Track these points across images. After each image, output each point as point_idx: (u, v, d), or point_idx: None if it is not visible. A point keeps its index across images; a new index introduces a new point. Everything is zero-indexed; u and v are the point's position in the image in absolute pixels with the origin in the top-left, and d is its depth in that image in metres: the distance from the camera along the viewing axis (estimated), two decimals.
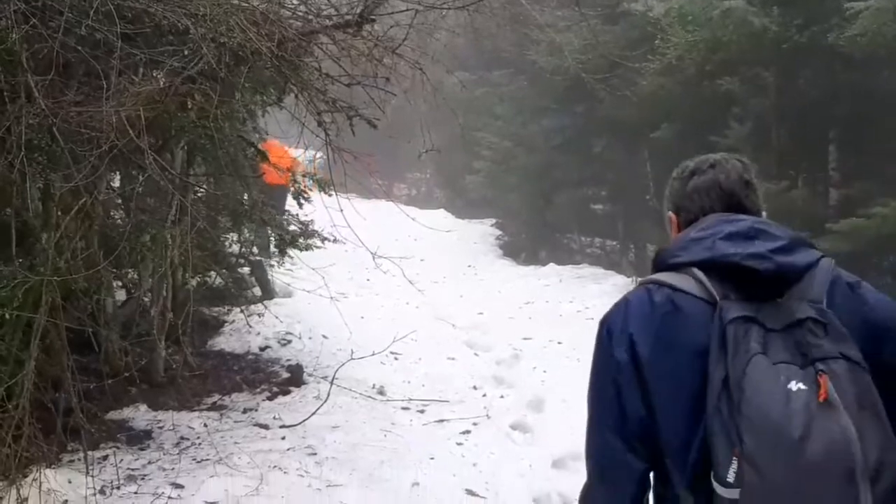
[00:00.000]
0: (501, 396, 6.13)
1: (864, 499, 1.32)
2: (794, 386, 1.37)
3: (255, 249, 7.36)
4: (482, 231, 15.14)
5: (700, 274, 1.55)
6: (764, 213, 1.72)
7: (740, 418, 1.37)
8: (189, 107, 4.63)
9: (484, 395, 6.15)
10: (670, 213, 1.81)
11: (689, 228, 1.69)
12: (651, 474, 1.59)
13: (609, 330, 1.61)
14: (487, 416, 5.65)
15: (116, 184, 5.48)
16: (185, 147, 5.37)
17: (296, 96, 5.22)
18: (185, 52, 4.05)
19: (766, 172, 8.44)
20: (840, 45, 7.47)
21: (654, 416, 1.53)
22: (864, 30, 7.09)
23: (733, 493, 1.36)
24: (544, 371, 6.75)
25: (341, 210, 4.49)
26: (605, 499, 1.62)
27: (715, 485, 1.39)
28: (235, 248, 7.49)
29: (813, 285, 1.52)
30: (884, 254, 8.64)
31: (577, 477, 1.75)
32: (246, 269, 7.99)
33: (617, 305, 1.64)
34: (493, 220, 15.48)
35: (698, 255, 1.58)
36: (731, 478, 1.36)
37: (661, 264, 1.66)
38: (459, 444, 5.20)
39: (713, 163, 1.75)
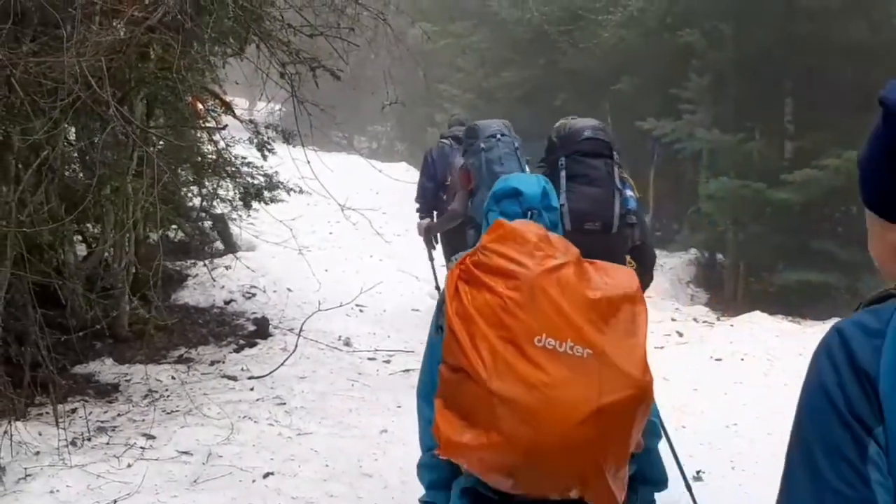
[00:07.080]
0: None
1: None
2: None
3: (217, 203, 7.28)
4: None
5: None
6: None
7: None
8: (150, 57, 4.56)
9: None
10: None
11: None
12: None
13: None
14: None
15: (72, 137, 5.38)
16: (145, 99, 5.29)
17: (257, 47, 5.15)
18: (146, 1, 3.98)
19: (723, 125, 8.57)
20: None
21: None
22: None
23: None
24: None
25: (308, 161, 4.47)
26: None
27: None
28: (196, 201, 7.41)
29: None
30: (834, 205, 8.88)
31: None
32: (208, 223, 7.93)
33: None
34: None
35: None
36: None
37: None
38: None
39: None
